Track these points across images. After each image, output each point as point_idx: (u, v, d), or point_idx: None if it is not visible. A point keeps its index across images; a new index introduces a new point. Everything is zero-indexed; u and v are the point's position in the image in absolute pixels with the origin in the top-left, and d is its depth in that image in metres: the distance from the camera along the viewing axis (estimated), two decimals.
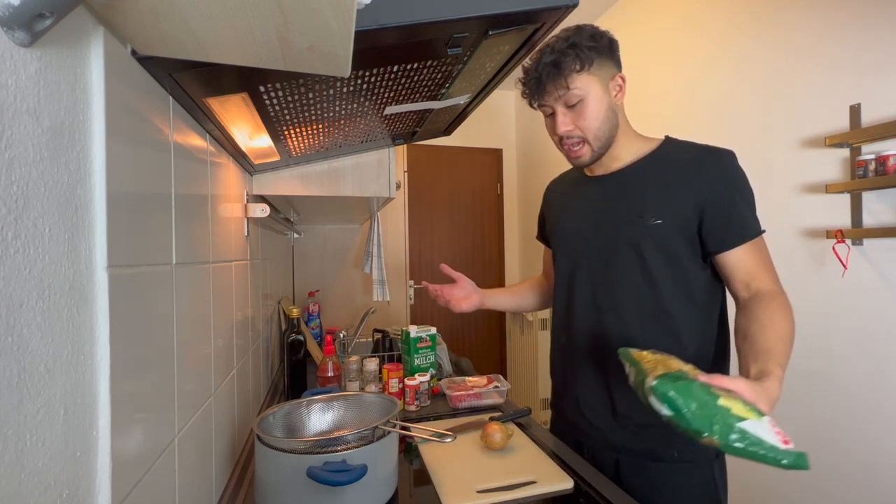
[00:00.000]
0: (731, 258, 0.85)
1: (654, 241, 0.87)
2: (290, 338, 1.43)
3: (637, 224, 0.88)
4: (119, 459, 0.43)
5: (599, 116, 0.87)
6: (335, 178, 1.28)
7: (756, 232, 0.85)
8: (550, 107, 0.90)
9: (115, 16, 0.40)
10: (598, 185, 0.97)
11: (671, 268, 0.87)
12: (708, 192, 0.85)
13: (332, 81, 0.66)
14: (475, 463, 0.94)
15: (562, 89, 0.86)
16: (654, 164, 0.91)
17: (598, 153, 0.91)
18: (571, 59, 0.84)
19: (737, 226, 0.84)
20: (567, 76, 0.85)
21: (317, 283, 2.61)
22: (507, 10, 0.53)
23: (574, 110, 0.88)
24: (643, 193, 0.90)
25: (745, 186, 0.86)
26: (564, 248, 1.04)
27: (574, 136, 0.89)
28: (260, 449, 0.75)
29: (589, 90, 0.86)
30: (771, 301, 0.80)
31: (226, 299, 0.89)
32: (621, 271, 0.91)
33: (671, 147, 0.93)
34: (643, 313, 0.89)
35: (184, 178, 0.65)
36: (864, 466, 1.39)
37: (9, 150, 0.31)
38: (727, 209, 0.84)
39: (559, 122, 0.89)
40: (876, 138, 1.33)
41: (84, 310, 0.39)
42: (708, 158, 0.87)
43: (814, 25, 1.52)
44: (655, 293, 0.88)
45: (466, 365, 1.75)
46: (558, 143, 0.93)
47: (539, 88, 0.89)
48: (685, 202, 0.85)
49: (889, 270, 1.34)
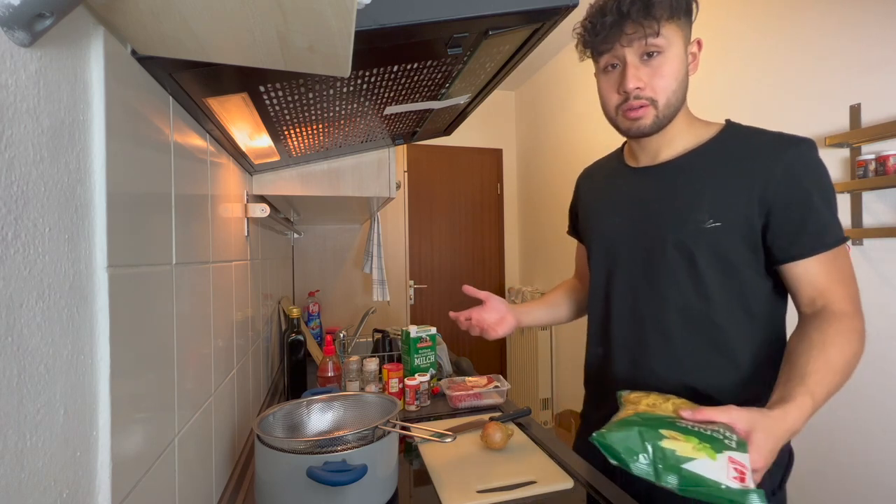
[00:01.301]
0: (797, 269, 0.71)
1: (708, 247, 0.75)
2: (290, 338, 1.43)
3: (689, 225, 0.76)
4: (119, 459, 0.43)
5: (678, 77, 0.74)
6: (335, 178, 1.28)
7: (835, 240, 0.70)
8: (621, 57, 0.74)
9: (115, 16, 0.40)
10: (644, 178, 0.84)
11: (727, 277, 0.75)
12: (777, 189, 0.71)
13: (332, 81, 0.66)
14: (475, 463, 0.94)
15: (649, 31, 0.71)
16: (713, 154, 0.78)
17: (661, 122, 0.77)
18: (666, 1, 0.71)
19: (810, 232, 0.70)
20: (658, 19, 0.70)
21: (317, 283, 2.61)
22: (507, 10, 0.53)
23: (650, 64, 0.73)
24: (699, 189, 0.76)
25: (826, 183, 0.72)
26: (601, 250, 0.91)
27: (643, 96, 0.74)
28: (260, 449, 0.75)
29: (672, 43, 0.73)
30: (833, 322, 0.68)
31: (226, 299, 0.89)
32: (667, 278, 0.79)
33: (734, 134, 0.79)
34: (690, 325, 0.78)
35: (184, 178, 0.65)
36: (865, 466, 1.39)
37: (9, 150, 0.31)
38: (800, 211, 0.70)
39: (630, 75, 0.73)
40: (876, 138, 1.34)
41: (84, 310, 0.39)
42: (779, 148, 0.73)
43: (814, 25, 1.52)
44: (706, 304, 0.76)
45: (466, 365, 1.75)
46: (614, 107, 0.78)
47: (617, 29, 0.73)
48: (750, 201, 0.72)
49: (889, 270, 1.34)
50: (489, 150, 3.78)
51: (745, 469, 0.53)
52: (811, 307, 0.72)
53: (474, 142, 3.70)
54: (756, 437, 0.56)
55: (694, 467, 0.54)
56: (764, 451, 0.56)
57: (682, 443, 0.55)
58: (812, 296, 0.72)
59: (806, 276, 0.71)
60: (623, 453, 0.57)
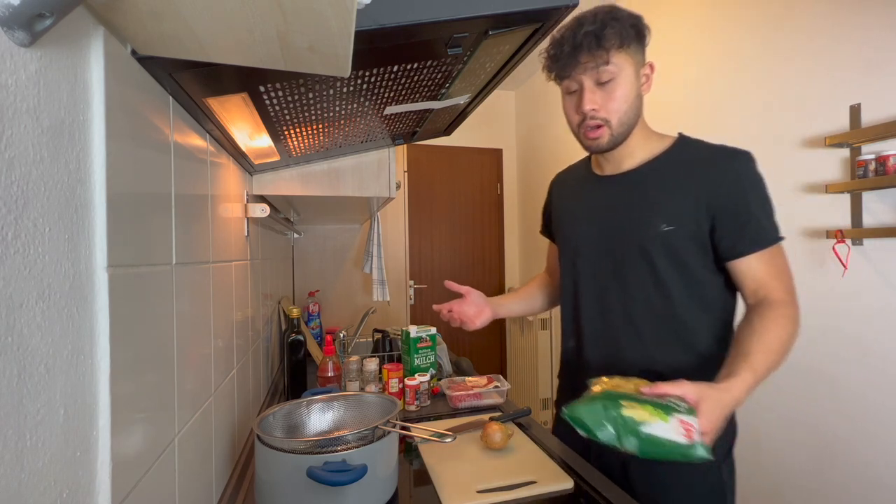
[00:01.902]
0: (741, 265, 0.82)
1: (665, 249, 0.85)
2: (290, 338, 1.43)
3: (648, 230, 0.86)
4: (119, 459, 0.43)
5: (629, 99, 0.84)
6: (335, 178, 1.28)
7: (771, 240, 0.81)
8: (578, 82, 0.84)
9: (115, 16, 0.40)
10: (608, 186, 0.94)
11: (683, 275, 0.85)
12: (720, 196, 0.81)
13: (332, 81, 0.66)
14: (475, 463, 0.94)
15: (600, 61, 0.80)
16: (666, 165, 0.88)
17: (616, 140, 0.87)
18: (615, 33, 0.79)
19: (750, 232, 0.81)
20: (608, 49, 0.80)
21: (317, 283, 2.61)
22: (507, 10, 0.53)
23: (604, 89, 0.83)
24: (654, 198, 0.87)
25: (761, 190, 0.83)
26: (571, 251, 1.00)
27: (598, 117, 0.84)
28: (260, 449, 0.75)
29: (622, 70, 0.82)
30: (772, 310, 0.78)
31: (226, 299, 0.89)
32: (632, 278, 0.89)
33: (685, 147, 0.89)
34: (654, 320, 0.87)
35: (184, 178, 0.65)
36: (865, 466, 1.39)
37: (9, 150, 0.31)
38: (740, 214, 0.81)
39: (586, 98, 0.83)
40: (876, 138, 1.34)
41: (84, 310, 0.39)
42: (721, 159, 0.84)
43: (814, 25, 1.52)
44: (667, 300, 0.86)
45: (466, 365, 1.75)
46: (576, 125, 0.88)
47: (573, 59, 0.82)
48: (698, 207, 0.82)
49: (889, 270, 1.34)
50: (489, 150, 3.77)
51: (693, 428, 0.63)
52: (754, 297, 0.82)
53: (474, 142, 3.70)
54: (704, 406, 0.66)
55: (650, 429, 0.64)
56: (711, 417, 0.65)
57: (639, 410, 0.65)
58: (754, 288, 0.82)
59: (749, 271, 0.82)
60: (590, 423, 0.67)
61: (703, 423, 0.64)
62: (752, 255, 0.81)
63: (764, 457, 1.68)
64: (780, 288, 0.81)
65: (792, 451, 1.59)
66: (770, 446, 1.66)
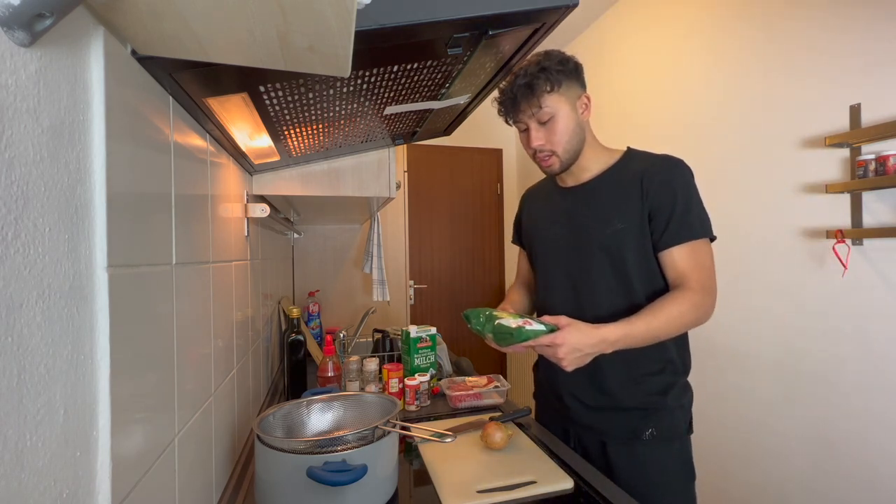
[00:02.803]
0: (665, 257, 0.95)
1: (621, 244, 0.98)
2: (290, 338, 1.43)
3: (606, 230, 0.99)
4: (119, 459, 0.43)
5: (568, 132, 0.98)
6: (335, 178, 1.28)
7: (691, 236, 0.93)
8: (524, 123, 1.00)
9: (115, 16, 0.40)
10: (571, 196, 1.08)
11: (636, 264, 0.97)
12: (654, 198, 0.95)
13: (332, 81, 0.66)
14: (475, 463, 0.94)
15: (535, 108, 0.96)
16: (616, 175, 1.02)
17: (566, 164, 1.02)
18: (543, 81, 0.94)
19: (673, 229, 0.93)
20: (539, 96, 0.95)
21: (317, 283, 2.61)
22: (507, 10, 0.53)
23: (546, 126, 0.98)
24: (608, 202, 1.01)
25: (688, 193, 0.95)
26: (546, 254, 1.13)
27: (545, 149, 0.99)
28: (260, 449, 0.75)
29: (558, 108, 0.96)
30: (677, 294, 0.91)
31: (226, 299, 0.89)
32: (597, 271, 1.01)
33: (631, 158, 1.04)
34: (616, 306, 0.98)
35: (184, 178, 0.65)
36: (864, 466, 1.39)
37: (9, 150, 0.31)
38: (667, 213, 0.94)
39: (532, 137, 0.99)
40: (876, 138, 1.34)
41: (84, 310, 0.39)
42: (656, 168, 0.98)
43: (814, 25, 1.52)
44: (627, 286, 0.98)
45: (466, 365, 1.75)
46: (531, 156, 1.04)
47: (514, 107, 0.99)
48: (642, 207, 0.96)
49: (889, 270, 1.34)
50: (489, 150, 3.77)
51: (531, 323, 0.85)
52: (673, 287, 0.95)
53: (474, 142, 3.70)
54: (568, 329, 0.83)
55: (502, 322, 0.87)
56: (570, 340, 0.82)
57: (506, 316, 0.89)
58: (673, 277, 0.95)
59: (671, 261, 0.95)
60: (472, 318, 0.94)
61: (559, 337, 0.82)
62: (675, 247, 0.94)
63: (764, 457, 1.68)
64: (694, 279, 0.92)
65: (792, 450, 1.59)
66: (770, 446, 1.66)
